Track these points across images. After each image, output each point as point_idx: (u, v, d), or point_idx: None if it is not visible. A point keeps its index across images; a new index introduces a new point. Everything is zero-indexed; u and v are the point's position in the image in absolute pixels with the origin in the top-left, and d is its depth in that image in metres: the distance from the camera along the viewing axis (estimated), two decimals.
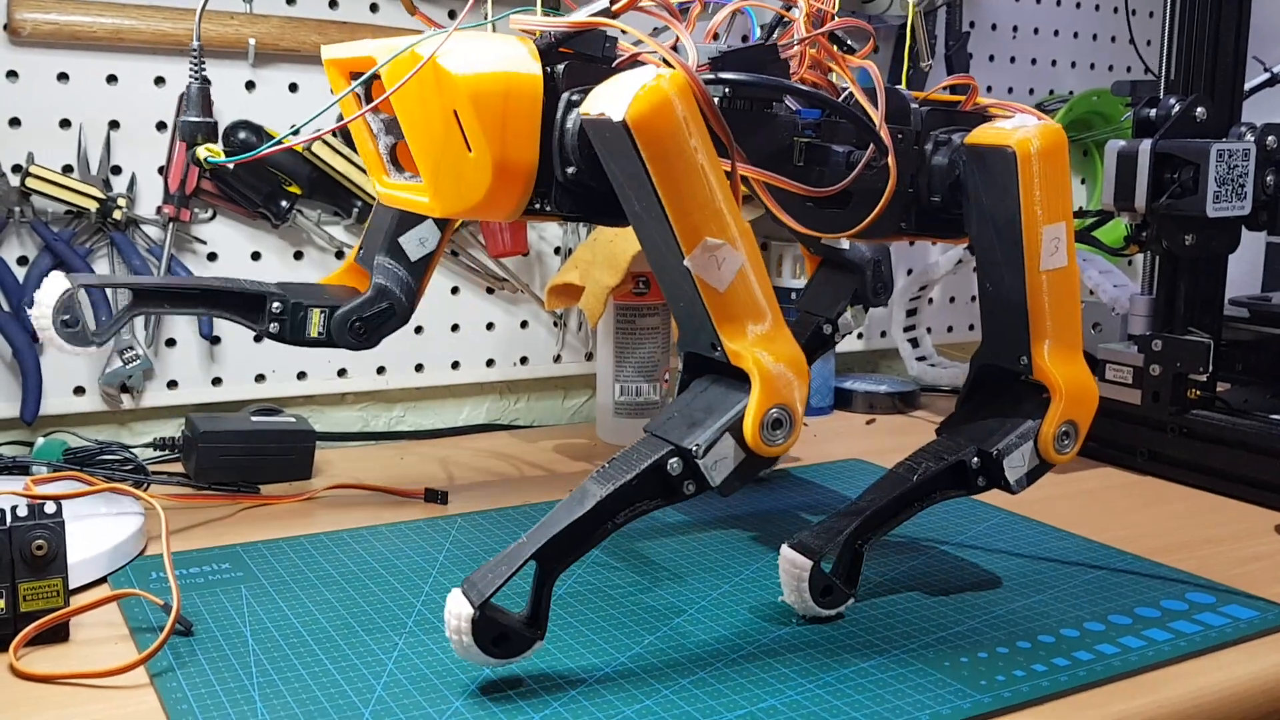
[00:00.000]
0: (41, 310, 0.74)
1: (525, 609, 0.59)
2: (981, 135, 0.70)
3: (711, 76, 0.62)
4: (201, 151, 0.66)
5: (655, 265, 0.62)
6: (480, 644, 0.57)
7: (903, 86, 0.73)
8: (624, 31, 0.62)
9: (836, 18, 0.67)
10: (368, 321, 0.80)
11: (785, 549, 0.68)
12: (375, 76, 0.63)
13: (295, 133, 0.96)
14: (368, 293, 0.81)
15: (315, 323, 0.79)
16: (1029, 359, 0.70)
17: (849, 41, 0.69)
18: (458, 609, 0.57)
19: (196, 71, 0.70)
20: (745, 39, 1.17)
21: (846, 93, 0.68)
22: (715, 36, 0.69)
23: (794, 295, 1.15)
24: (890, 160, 0.66)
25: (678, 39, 0.61)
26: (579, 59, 0.62)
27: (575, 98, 0.61)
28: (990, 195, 0.69)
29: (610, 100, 0.58)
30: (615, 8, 0.61)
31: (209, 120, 0.69)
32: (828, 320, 0.91)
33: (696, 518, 0.87)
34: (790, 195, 0.64)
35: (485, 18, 0.63)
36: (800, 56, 0.68)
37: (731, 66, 0.63)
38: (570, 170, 0.62)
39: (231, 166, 0.70)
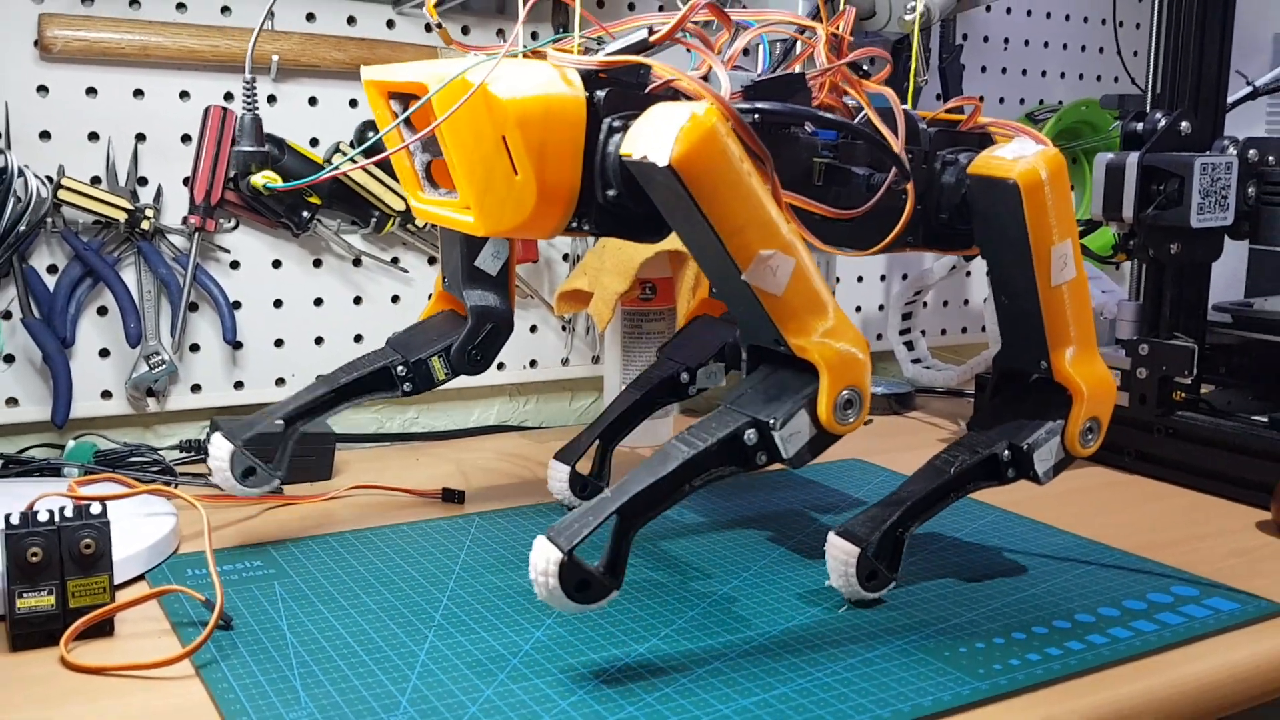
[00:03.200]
0: (223, 476, 0.80)
1: (604, 559, 0.62)
2: (985, 165, 0.73)
3: (746, 106, 0.66)
4: (259, 179, 0.70)
5: (712, 277, 0.66)
6: (565, 588, 0.60)
7: (908, 104, 0.76)
8: (649, 68, 0.65)
9: (853, 44, 0.71)
10: (481, 347, 0.86)
11: (832, 536, 0.73)
12: (423, 103, 0.65)
13: (366, 153, 0.99)
14: (470, 322, 0.86)
15: (438, 368, 0.85)
16: (1049, 364, 0.75)
17: (865, 66, 0.73)
18: (546, 553, 0.60)
19: (249, 101, 0.73)
20: (746, 52, 1.21)
21: (861, 114, 0.72)
22: (745, 62, 0.73)
23: None
24: (909, 185, 0.70)
25: (710, 69, 0.64)
26: (618, 85, 0.65)
27: (616, 123, 0.65)
28: (998, 222, 0.73)
29: (651, 142, 0.61)
30: (653, 39, 0.64)
31: (262, 149, 0.72)
32: (687, 369, 0.92)
33: (705, 516, 0.91)
34: (803, 212, 0.68)
35: (520, 44, 0.66)
36: (821, 83, 0.71)
37: (763, 95, 0.66)
38: (611, 193, 0.65)
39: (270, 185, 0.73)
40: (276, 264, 1.09)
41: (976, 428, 0.78)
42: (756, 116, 0.66)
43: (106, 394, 1.03)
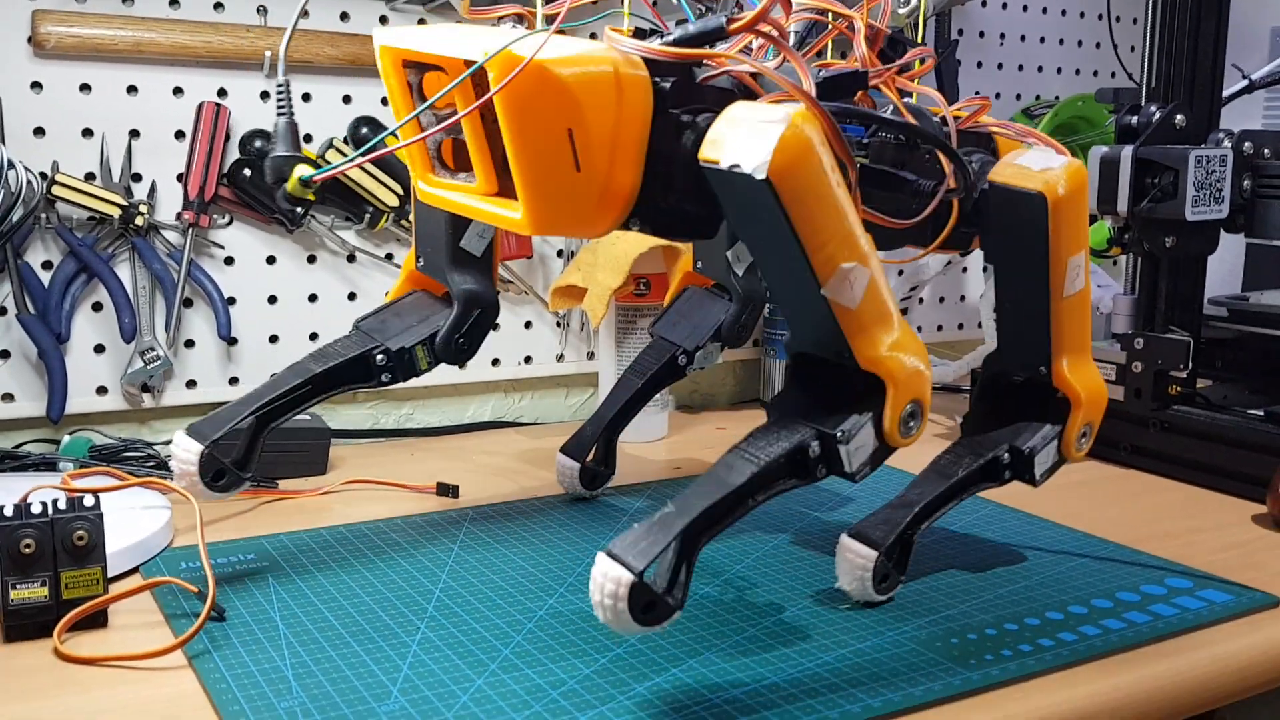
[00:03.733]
0: (191, 481, 0.72)
1: (665, 579, 0.57)
2: (1011, 175, 0.72)
3: (833, 106, 0.60)
4: (294, 177, 0.67)
5: (777, 286, 0.62)
6: (632, 611, 0.56)
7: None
8: (727, 59, 0.61)
9: (889, 34, 0.68)
10: (468, 335, 0.80)
11: (846, 539, 0.72)
12: (435, 68, 0.61)
13: (395, 134, 0.92)
14: (457, 309, 0.79)
15: (422, 357, 0.79)
16: (1049, 369, 0.75)
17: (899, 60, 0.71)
18: (615, 574, 0.55)
19: (284, 107, 0.70)
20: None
21: (889, 109, 0.70)
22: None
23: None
24: (950, 178, 0.68)
25: (785, 63, 0.60)
26: (683, 74, 0.61)
27: (685, 118, 0.60)
28: (1017, 232, 0.72)
29: (742, 150, 0.56)
30: (731, 28, 0.59)
31: (298, 155, 0.69)
32: (685, 352, 0.90)
33: None
34: None
35: (546, 21, 0.61)
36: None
37: (833, 94, 0.62)
38: (674, 196, 0.61)
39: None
40: (271, 260, 1.09)
41: (972, 429, 0.78)
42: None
43: (102, 390, 1.03)
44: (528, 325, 1.22)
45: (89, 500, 0.68)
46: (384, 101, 1.09)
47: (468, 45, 0.59)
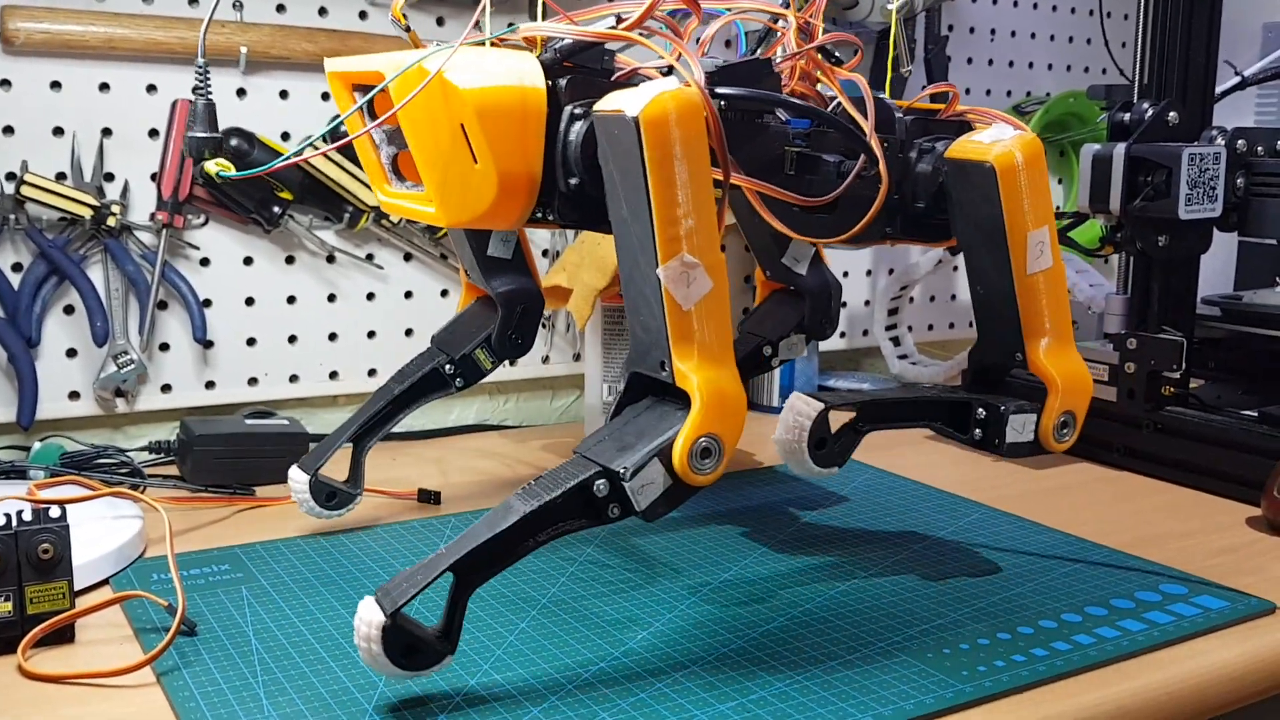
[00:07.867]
0: (309, 506, 0.82)
1: (439, 622, 0.58)
2: (962, 149, 0.73)
3: (722, 91, 0.64)
4: (212, 166, 0.67)
5: (626, 274, 0.62)
6: (389, 654, 0.56)
7: (886, 94, 0.75)
8: (613, 55, 0.64)
9: (824, 30, 0.70)
10: (518, 330, 0.86)
11: (795, 395, 0.71)
12: (380, 89, 0.64)
13: (312, 144, 0.97)
14: (501, 310, 0.85)
15: (483, 359, 0.86)
16: (1024, 355, 0.74)
17: (836, 54, 0.71)
18: (369, 616, 0.56)
19: (202, 87, 0.72)
20: (729, 43, 1.19)
21: (835, 103, 0.70)
22: (727, 53, 0.71)
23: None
24: (881, 169, 0.68)
25: (680, 55, 0.62)
26: (581, 73, 0.64)
27: (578, 110, 0.63)
28: (974, 207, 0.72)
29: (629, 100, 0.59)
30: (629, 22, 0.62)
31: (215, 135, 0.70)
32: (769, 343, 0.93)
33: (687, 513, 0.89)
34: (779, 201, 0.67)
35: (486, 31, 0.64)
36: (791, 69, 0.70)
37: (729, 81, 0.65)
38: (573, 181, 0.64)
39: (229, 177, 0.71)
40: (248, 261, 1.06)
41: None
42: (722, 104, 0.65)
43: (74, 395, 1.01)
44: None
45: (55, 512, 0.66)
46: None
47: (391, 64, 0.64)
